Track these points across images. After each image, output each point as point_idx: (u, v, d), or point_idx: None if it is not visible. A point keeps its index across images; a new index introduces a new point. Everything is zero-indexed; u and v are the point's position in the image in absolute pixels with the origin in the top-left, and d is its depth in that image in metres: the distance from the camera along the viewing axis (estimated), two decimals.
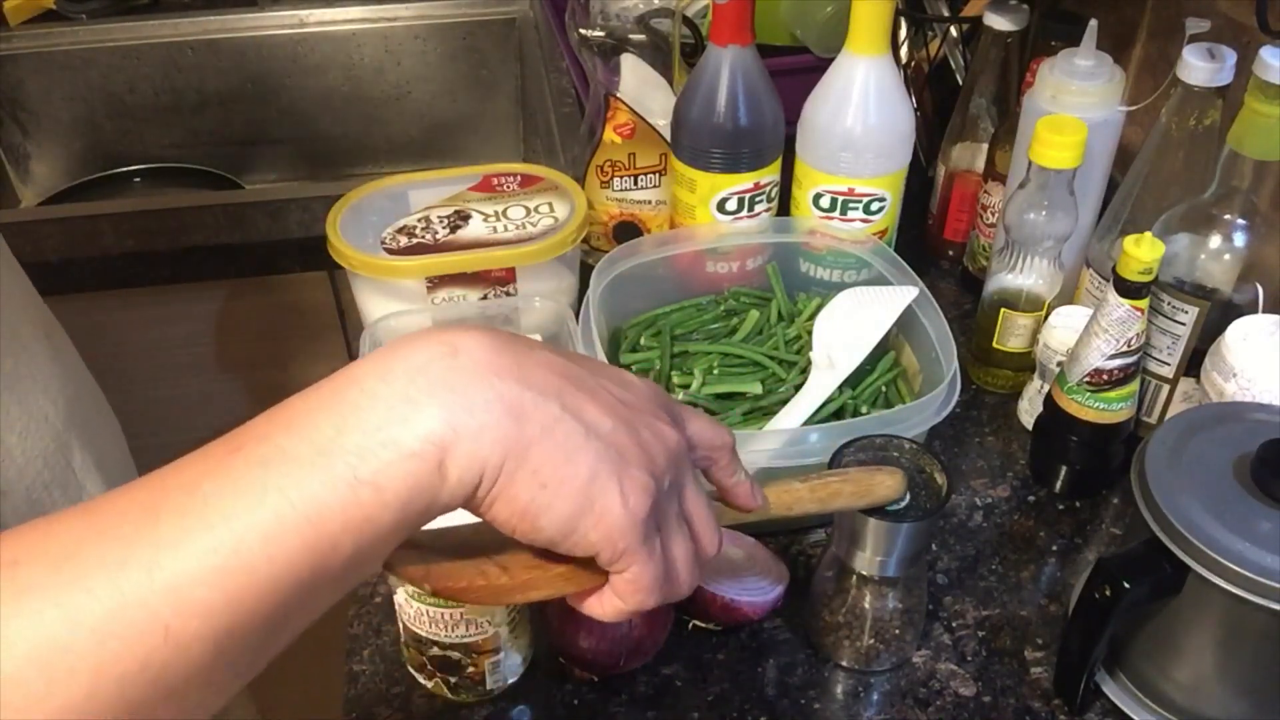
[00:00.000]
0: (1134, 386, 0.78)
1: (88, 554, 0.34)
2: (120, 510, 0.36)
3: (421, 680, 0.70)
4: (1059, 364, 0.82)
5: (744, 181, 0.89)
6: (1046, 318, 0.86)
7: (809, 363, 0.83)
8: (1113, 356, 0.76)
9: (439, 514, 0.40)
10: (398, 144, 1.62)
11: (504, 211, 0.89)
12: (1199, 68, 0.77)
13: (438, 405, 0.38)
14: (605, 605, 0.46)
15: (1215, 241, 0.77)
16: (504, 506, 0.41)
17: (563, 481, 0.40)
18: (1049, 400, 0.82)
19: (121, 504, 0.36)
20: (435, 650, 0.66)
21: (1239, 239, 0.76)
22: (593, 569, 0.45)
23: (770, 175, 0.90)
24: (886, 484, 0.63)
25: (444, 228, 0.88)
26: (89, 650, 0.33)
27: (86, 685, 0.33)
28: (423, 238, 0.87)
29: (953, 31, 1.16)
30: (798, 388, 0.82)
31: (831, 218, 0.91)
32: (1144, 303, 0.74)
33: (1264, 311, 0.76)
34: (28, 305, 0.70)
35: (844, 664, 0.72)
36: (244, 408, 1.20)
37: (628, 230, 1.02)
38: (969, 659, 0.73)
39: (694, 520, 0.48)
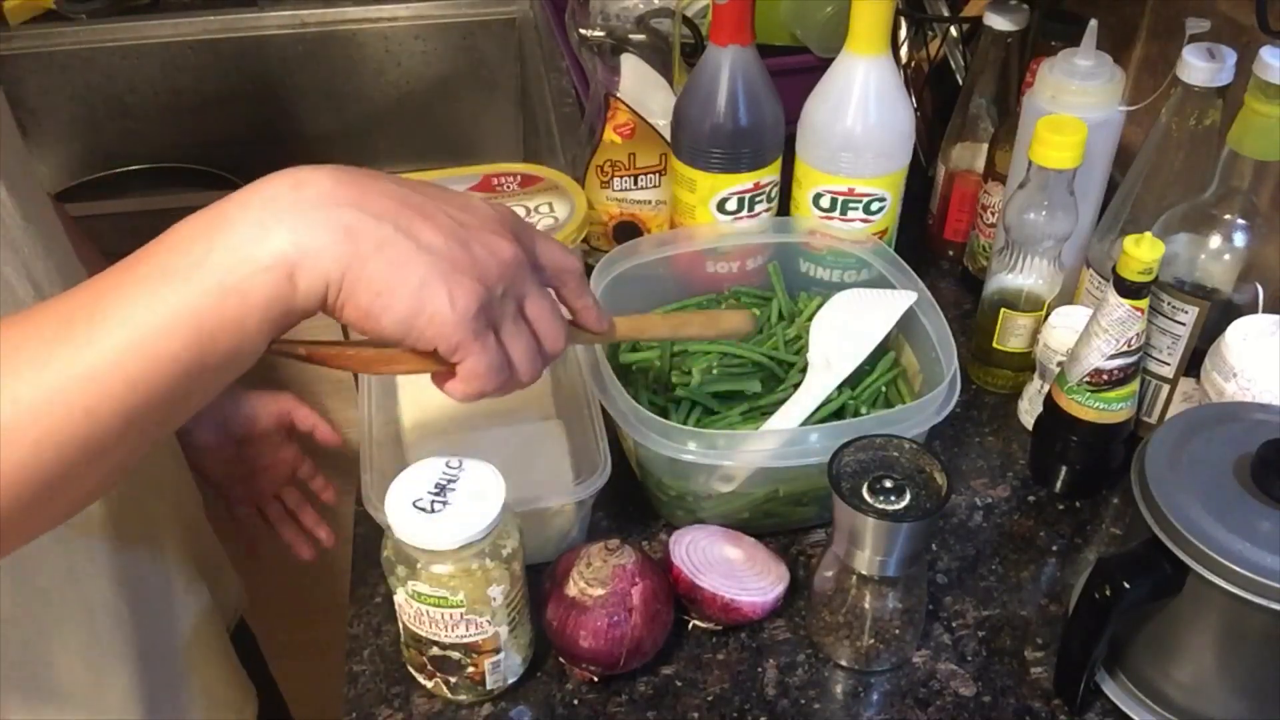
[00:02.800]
0: (1134, 386, 0.78)
1: (21, 354, 0.44)
2: (44, 320, 0.45)
3: (421, 680, 0.70)
4: (1059, 364, 0.82)
5: (744, 181, 0.89)
6: (1046, 318, 0.86)
7: (807, 363, 0.83)
8: (1113, 356, 0.76)
9: (299, 317, 0.49)
10: (398, 144, 1.62)
11: None
12: (1199, 68, 0.77)
13: (285, 229, 0.47)
14: (454, 388, 0.55)
15: (1215, 241, 0.77)
16: (351, 311, 0.49)
17: (394, 289, 0.49)
18: (1049, 400, 0.82)
19: (45, 315, 0.46)
20: (435, 650, 0.66)
21: (1239, 239, 0.76)
22: (442, 360, 0.53)
23: (770, 175, 0.90)
24: (734, 319, 0.71)
25: None
26: (30, 424, 0.44)
27: (31, 450, 0.44)
28: None
29: (953, 31, 1.16)
30: (797, 387, 0.82)
31: (831, 218, 0.91)
32: (1144, 303, 0.74)
33: (1264, 311, 0.77)
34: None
35: (844, 664, 0.72)
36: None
37: (628, 230, 1.02)
38: (969, 659, 0.73)
39: (537, 323, 0.55)
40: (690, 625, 0.74)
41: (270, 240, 0.47)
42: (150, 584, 0.76)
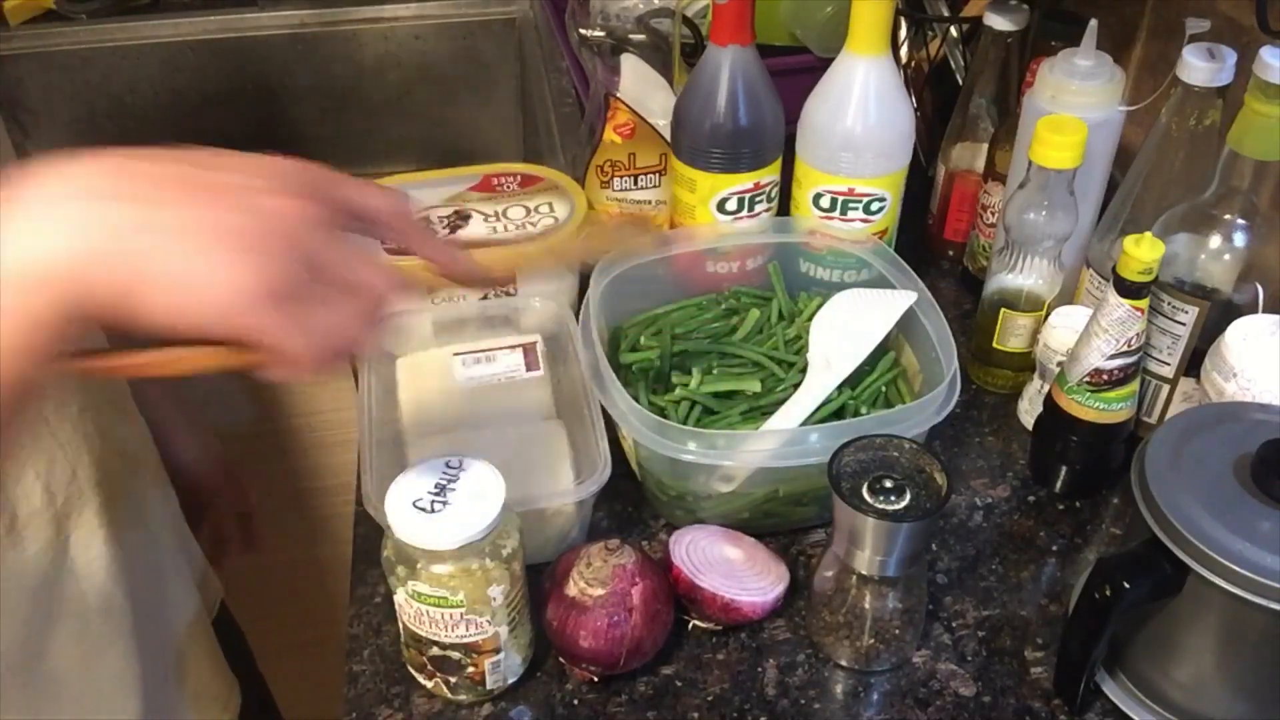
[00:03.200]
0: (1134, 386, 0.78)
1: None
2: None
3: (421, 680, 0.70)
4: (1059, 364, 0.82)
5: (744, 181, 0.89)
6: (1046, 318, 0.86)
7: (807, 363, 0.83)
8: (1113, 356, 0.76)
9: (78, 329, 0.44)
10: (398, 144, 1.62)
11: (504, 211, 0.89)
12: (1199, 68, 0.77)
13: (42, 237, 0.43)
14: (278, 372, 0.49)
15: (1215, 241, 0.77)
16: (131, 309, 0.44)
17: (158, 283, 0.44)
18: (1049, 400, 0.82)
19: None
20: (435, 650, 0.66)
21: (1239, 239, 0.76)
22: (246, 347, 0.48)
23: (770, 175, 0.90)
24: (625, 229, 0.60)
25: (444, 228, 0.88)
26: None
27: None
28: None
29: (953, 31, 1.16)
30: (797, 387, 0.82)
31: (831, 218, 0.91)
32: (1144, 303, 0.74)
33: (1264, 311, 0.76)
34: None
35: (844, 664, 0.72)
36: (244, 407, 1.21)
37: None
38: (969, 659, 0.73)
39: (359, 278, 0.49)
40: (690, 625, 0.74)
41: (28, 253, 0.43)
42: (142, 577, 0.76)
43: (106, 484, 0.71)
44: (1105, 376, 0.77)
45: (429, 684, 0.69)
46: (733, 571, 0.73)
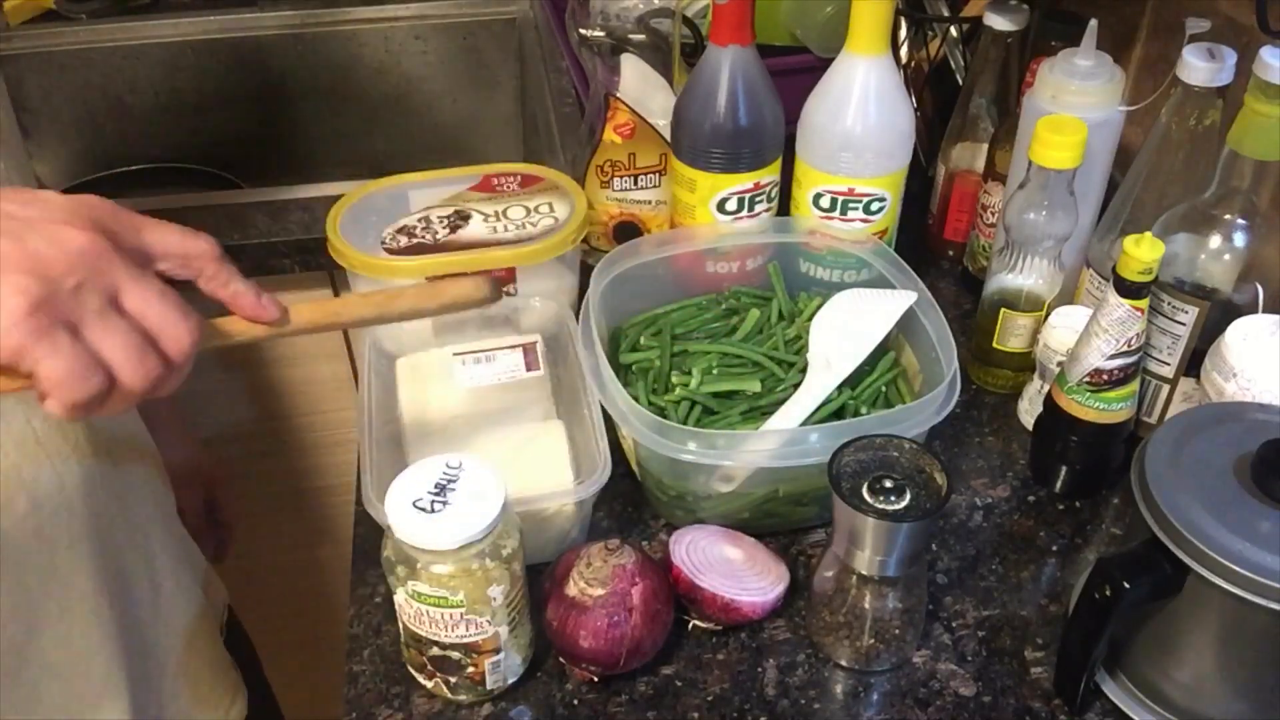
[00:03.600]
0: (1134, 386, 0.78)
1: None
2: None
3: (421, 680, 0.70)
4: (1059, 364, 0.82)
5: (744, 181, 0.89)
6: (1046, 318, 0.86)
7: (807, 363, 0.83)
8: (1113, 356, 0.76)
9: None
10: (398, 144, 1.61)
11: (504, 211, 0.89)
12: (1199, 68, 0.77)
13: None
14: (50, 403, 0.48)
15: (1215, 241, 0.77)
16: None
17: None
18: (1049, 400, 0.82)
19: None
20: (435, 650, 0.66)
21: (1239, 239, 0.76)
22: (16, 374, 0.48)
23: (770, 175, 0.90)
24: (460, 287, 0.61)
25: (444, 228, 0.88)
26: None
27: None
28: (423, 238, 0.87)
29: (953, 31, 1.16)
30: (797, 387, 0.82)
31: (831, 218, 0.91)
32: (1144, 303, 0.74)
33: (1264, 311, 0.76)
34: None
35: (844, 664, 0.72)
36: (244, 407, 1.20)
37: (628, 230, 1.02)
38: (969, 659, 0.73)
39: (143, 316, 0.49)
40: (690, 625, 0.74)
41: None
42: (134, 584, 0.76)
43: (98, 493, 0.71)
44: (1105, 376, 0.77)
45: (429, 684, 0.69)
46: (733, 571, 0.73)
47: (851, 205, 0.90)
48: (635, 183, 1.00)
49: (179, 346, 0.50)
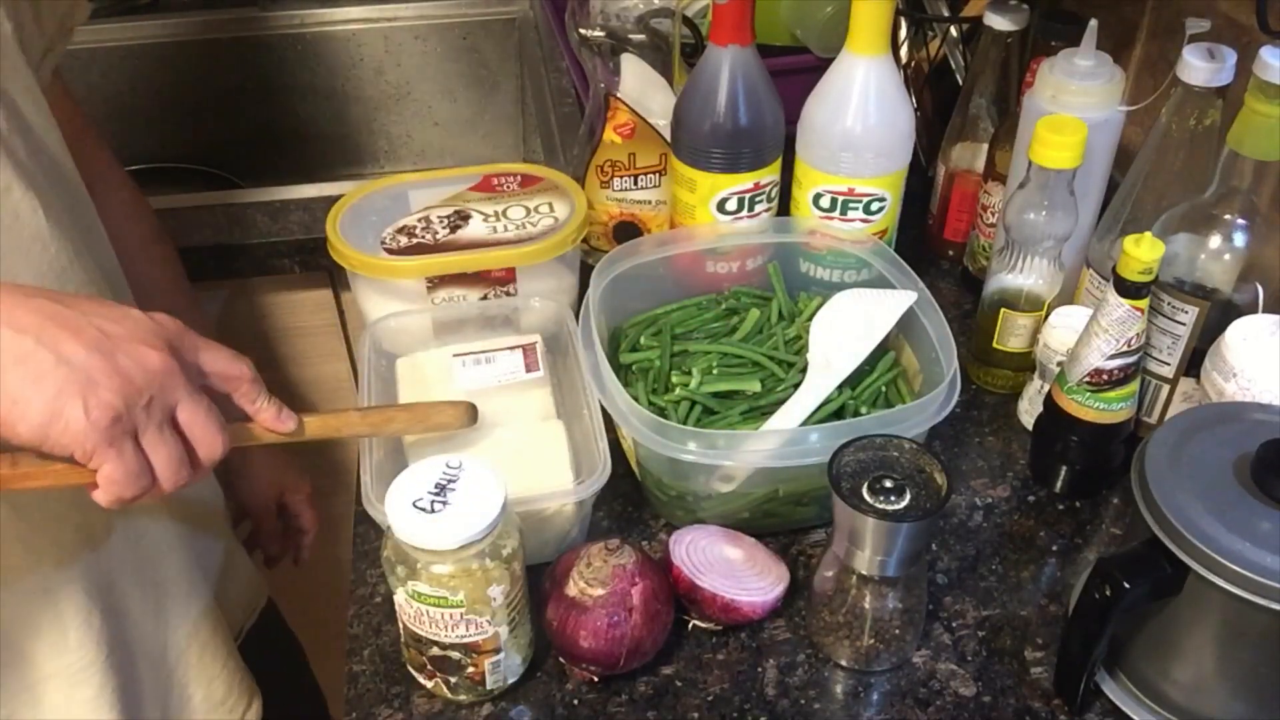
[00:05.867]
0: (1134, 386, 0.78)
1: None
2: None
3: (421, 680, 0.70)
4: (1059, 364, 0.82)
5: (744, 181, 0.89)
6: (1046, 318, 0.86)
7: (807, 363, 0.83)
8: (1113, 356, 0.76)
9: None
10: (398, 144, 1.62)
11: (504, 211, 0.89)
12: (1199, 68, 0.77)
13: None
14: (99, 495, 0.56)
15: (1215, 241, 0.77)
16: None
17: (30, 399, 0.52)
18: (1049, 400, 0.82)
19: None
20: (435, 650, 0.66)
21: (1239, 239, 0.76)
22: (82, 468, 0.55)
23: (770, 175, 0.90)
24: (447, 412, 0.70)
25: (444, 228, 0.88)
26: None
27: None
28: (423, 238, 0.87)
29: (953, 31, 1.16)
30: (797, 387, 0.82)
31: (831, 218, 0.91)
32: (1144, 303, 0.74)
33: (1264, 311, 0.76)
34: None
35: (844, 664, 0.72)
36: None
37: (628, 230, 1.02)
38: (969, 659, 0.73)
39: (189, 429, 0.58)
40: (690, 625, 0.74)
41: None
42: (130, 593, 0.76)
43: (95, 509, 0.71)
44: (1105, 376, 0.77)
45: (429, 684, 0.69)
46: (733, 571, 0.73)
47: (851, 205, 0.90)
48: (635, 183, 1.00)
49: (210, 454, 0.59)
